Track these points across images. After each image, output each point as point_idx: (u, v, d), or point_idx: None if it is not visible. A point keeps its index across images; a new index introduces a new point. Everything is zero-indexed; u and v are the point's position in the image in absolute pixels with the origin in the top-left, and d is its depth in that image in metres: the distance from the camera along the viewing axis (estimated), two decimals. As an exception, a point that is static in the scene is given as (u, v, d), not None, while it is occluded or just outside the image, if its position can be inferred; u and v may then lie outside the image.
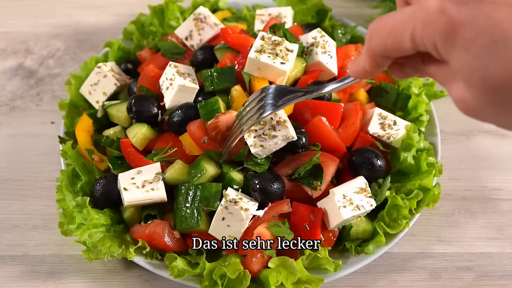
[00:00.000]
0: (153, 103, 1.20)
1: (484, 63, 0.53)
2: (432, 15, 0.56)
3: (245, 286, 1.01)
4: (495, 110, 0.57)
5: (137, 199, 1.08)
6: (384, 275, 1.16)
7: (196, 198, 1.07)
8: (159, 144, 1.17)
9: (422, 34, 0.58)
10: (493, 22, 0.52)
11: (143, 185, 1.09)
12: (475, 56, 0.53)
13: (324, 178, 1.09)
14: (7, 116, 1.44)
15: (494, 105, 0.56)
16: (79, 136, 1.25)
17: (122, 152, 1.18)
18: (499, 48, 0.51)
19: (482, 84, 0.54)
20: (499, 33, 0.51)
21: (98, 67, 1.29)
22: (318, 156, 1.09)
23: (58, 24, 1.67)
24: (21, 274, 1.15)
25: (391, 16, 0.63)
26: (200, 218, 1.06)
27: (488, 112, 0.58)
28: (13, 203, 1.27)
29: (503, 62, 0.51)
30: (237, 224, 1.03)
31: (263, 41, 1.14)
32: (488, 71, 0.53)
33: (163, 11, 1.49)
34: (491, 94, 0.55)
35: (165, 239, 1.07)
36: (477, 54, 0.53)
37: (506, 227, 1.23)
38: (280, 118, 1.08)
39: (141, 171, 1.10)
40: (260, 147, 1.07)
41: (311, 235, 1.06)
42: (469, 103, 0.58)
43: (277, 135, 1.06)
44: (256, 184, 1.06)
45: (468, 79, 0.56)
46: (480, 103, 0.57)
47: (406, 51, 0.62)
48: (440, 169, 1.16)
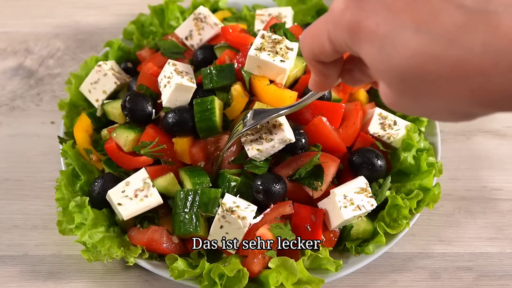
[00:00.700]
0: (147, 102, 1.20)
1: (387, 53, 0.52)
2: (337, 15, 0.57)
3: (243, 285, 1.01)
4: (411, 101, 0.56)
5: (134, 211, 1.07)
6: (384, 275, 1.16)
7: (195, 204, 1.06)
8: (144, 137, 1.17)
9: (335, 35, 0.59)
10: (392, 13, 0.52)
11: (135, 194, 1.07)
12: (379, 48, 0.53)
13: (325, 178, 1.09)
14: (7, 116, 1.44)
15: (408, 96, 0.55)
16: (77, 136, 1.25)
17: (110, 157, 1.18)
18: (398, 36, 0.51)
19: (390, 76, 0.54)
20: (398, 22, 0.51)
21: (98, 66, 1.30)
22: (318, 156, 1.09)
23: (58, 24, 1.67)
24: (21, 274, 1.15)
25: (315, 22, 0.64)
26: (198, 224, 1.06)
27: (408, 104, 0.57)
28: (13, 203, 1.27)
29: (403, 50, 0.51)
30: (235, 232, 1.03)
31: (263, 39, 1.14)
32: (391, 62, 0.52)
33: (163, 11, 1.49)
34: (401, 85, 0.54)
35: (163, 245, 1.07)
36: (379, 45, 0.53)
37: (506, 227, 1.23)
38: (276, 122, 1.08)
39: (129, 182, 1.08)
40: (257, 151, 1.07)
41: (313, 236, 1.06)
42: (390, 96, 0.58)
43: (274, 138, 1.07)
44: (259, 185, 1.06)
45: (378, 72, 0.56)
46: (396, 95, 0.57)
47: (332, 53, 0.63)
48: (440, 169, 1.16)
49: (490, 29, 0.47)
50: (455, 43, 0.48)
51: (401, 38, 0.51)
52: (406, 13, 0.51)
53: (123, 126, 1.20)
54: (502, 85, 0.47)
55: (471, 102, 0.50)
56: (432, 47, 0.49)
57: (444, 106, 0.54)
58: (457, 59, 0.48)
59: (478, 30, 0.47)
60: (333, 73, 0.69)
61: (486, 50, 0.46)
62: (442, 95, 0.52)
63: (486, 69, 0.47)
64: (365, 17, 0.54)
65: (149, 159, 1.15)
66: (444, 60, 0.49)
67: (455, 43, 0.48)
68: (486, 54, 0.46)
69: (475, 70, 0.47)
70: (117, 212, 1.08)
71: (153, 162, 1.17)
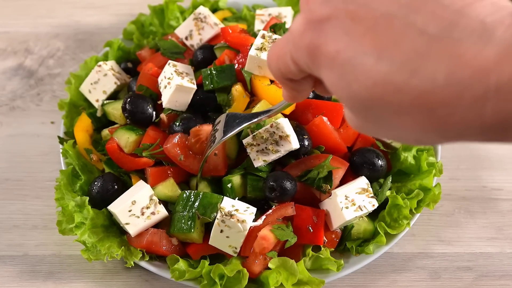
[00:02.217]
0: (148, 104, 1.20)
1: (348, 81, 0.50)
2: (297, 37, 0.55)
3: (243, 285, 1.01)
4: (374, 127, 0.54)
5: (142, 228, 1.07)
6: (384, 275, 1.16)
7: (195, 205, 1.06)
8: (145, 139, 1.17)
9: (296, 56, 0.57)
10: (352, 38, 0.49)
11: (142, 212, 1.07)
12: (339, 75, 0.51)
13: (333, 181, 1.10)
14: (7, 116, 1.44)
15: (371, 123, 0.53)
16: (77, 136, 1.25)
17: (111, 157, 1.18)
18: (358, 64, 0.49)
19: (351, 103, 0.52)
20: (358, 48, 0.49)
21: (98, 66, 1.29)
22: (329, 160, 1.10)
23: (58, 24, 1.67)
24: (21, 274, 1.15)
25: (278, 40, 0.63)
26: (193, 224, 1.05)
27: (372, 129, 0.56)
28: (13, 203, 1.27)
29: (364, 79, 0.48)
30: (236, 235, 1.02)
31: (264, 39, 1.14)
32: (352, 90, 0.50)
33: (163, 11, 1.49)
34: (363, 112, 0.52)
35: (163, 248, 1.07)
36: (340, 72, 0.50)
37: (506, 227, 1.23)
38: (283, 133, 1.07)
39: (135, 201, 1.07)
40: (263, 161, 1.08)
41: (315, 237, 1.06)
42: (354, 120, 0.56)
43: (280, 150, 1.07)
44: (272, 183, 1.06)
45: (339, 98, 0.53)
46: (360, 120, 0.55)
47: (298, 73, 0.61)
48: (440, 169, 1.16)
49: (453, 58, 0.44)
50: (417, 72, 0.45)
51: (361, 66, 0.49)
52: (366, 38, 0.48)
53: (124, 128, 1.20)
54: (467, 117, 0.44)
55: (434, 133, 0.48)
56: (394, 77, 0.46)
57: (408, 135, 0.52)
58: (419, 90, 0.45)
59: (441, 59, 0.44)
60: (305, 87, 0.67)
61: (449, 81, 0.44)
62: (405, 125, 0.49)
63: (450, 101, 0.44)
64: (324, 41, 0.52)
65: (150, 161, 1.15)
66: (406, 91, 0.46)
67: (417, 73, 0.45)
68: (449, 85, 0.44)
69: (439, 102, 0.45)
70: (124, 229, 1.08)
71: (154, 163, 1.17)
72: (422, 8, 0.47)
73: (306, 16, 0.55)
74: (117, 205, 1.08)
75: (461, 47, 0.44)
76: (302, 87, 0.67)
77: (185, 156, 1.12)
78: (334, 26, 0.51)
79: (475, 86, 0.43)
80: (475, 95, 0.43)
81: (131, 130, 1.18)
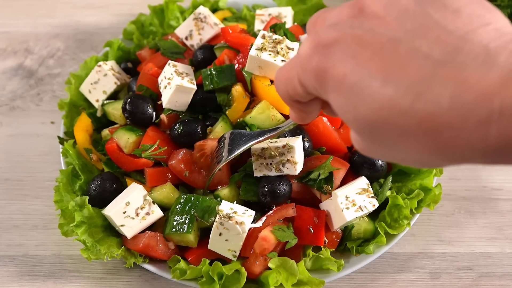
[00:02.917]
0: (148, 104, 1.20)
1: (354, 104, 0.51)
2: (304, 60, 0.56)
3: (241, 284, 1.01)
4: (380, 149, 0.55)
5: (138, 230, 1.07)
6: (384, 275, 1.16)
7: (193, 208, 1.06)
8: (145, 140, 1.17)
9: (304, 79, 0.58)
10: (358, 62, 0.50)
11: (136, 213, 1.06)
12: (346, 98, 0.52)
13: (334, 182, 1.10)
14: (7, 116, 1.44)
15: (377, 145, 0.54)
16: (77, 136, 1.25)
17: (111, 157, 1.18)
18: (364, 87, 0.50)
19: (357, 125, 0.53)
20: (364, 72, 0.50)
21: (98, 66, 1.29)
22: (330, 162, 1.10)
23: (58, 24, 1.67)
24: (21, 274, 1.15)
25: (287, 63, 0.64)
26: (191, 226, 1.05)
27: (377, 152, 0.57)
28: (13, 203, 1.27)
29: (370, 102, 0.49)
30: (235, 238, 1.02)
31: (264, 40, 1.14)
32: (358, 113, 0.51)
33: (163, 11, 1.49)
34: (369, 135, 0.53)
35: (160, 252, 1.07)
36: (346, 95, 0.51)
37: (506, 227, 1.23)
38: (292, 158, 1.06)
39: (129, 202, 1.06)
40: (263, 174, 1.08)
41: (315, 238, 1.06)
42: (360, 143, 0.57)
43: (283, 171, 1.08)
44: (264, 187, 1.06)
45: (346, 120, 0.54)
46: (366, 143, 0.56)
47: (306, 95, 0.62)
48: (440, 169, 1.16)
49: (457, 82, 0.44)
50: (422, 96, 0.46)
51: (368, 89, 0.49)
52: (373, 62, 0.50)
53: (124, 128, 1.20)
54: (471, 140, 0.45)
55: (439, 156, 0.49)
56: (400, 101, 0.47)
57: (413, 158, 0.53)
58: (425, 113, 0.46)
59: (446, 83, 0.45)
60: (313, 109, 0.68)
61: (454, 104, 0.44)
62: (410, 147, 0.50)
63: (454, 124, 0.45)
64: (331, 65, 0.53)
65: (149, 161, 1.15)
66: (411, 115, 0.47)
67: (422, 97, 0.46)
68: (454, 109, 0.44)
69: (444, 125, 0.45)
70: (120, 232, 1.08)
71: (154, 164, 1.17)
72: (427, 34, 0.48)
73: (313, 40, 0.55)
74: (111, 207, 1.08)
75: (465, 71, 0.45)
76: (309, 108, 0.68)
77: (190, 172, 1.13)
78: (341, 50, 0.52)
79: (479, 109, 0.43)
80: (479, 118, 0.44)
81: (131, 130, 1.18)
